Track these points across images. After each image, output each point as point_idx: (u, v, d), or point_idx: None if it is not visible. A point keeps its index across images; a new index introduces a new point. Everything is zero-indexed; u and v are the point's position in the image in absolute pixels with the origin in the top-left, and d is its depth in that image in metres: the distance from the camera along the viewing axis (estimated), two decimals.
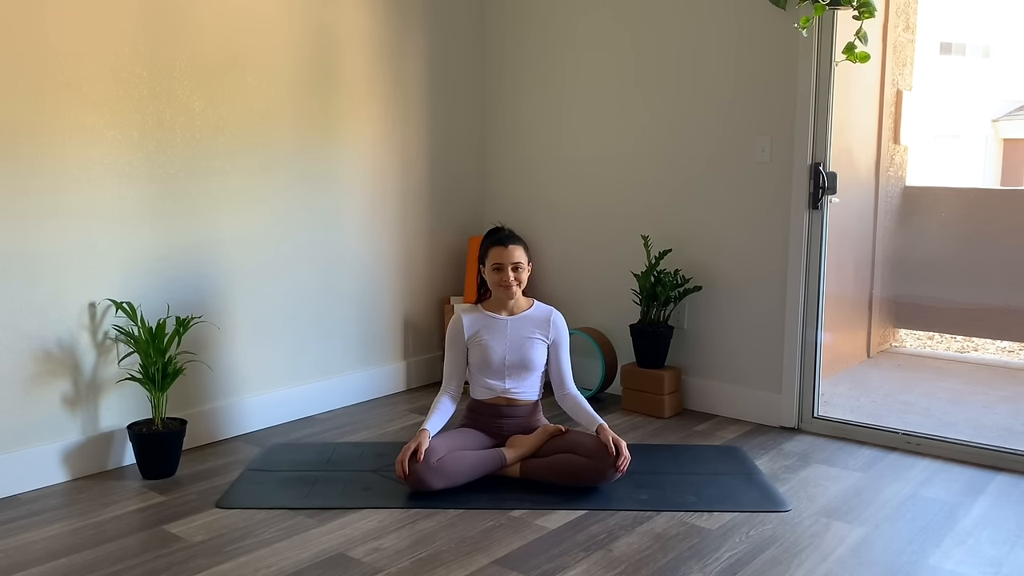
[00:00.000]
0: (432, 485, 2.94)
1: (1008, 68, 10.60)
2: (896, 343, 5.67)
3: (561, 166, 4.41)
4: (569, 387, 3.24)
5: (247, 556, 2.56)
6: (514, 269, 3.12)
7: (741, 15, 3.76)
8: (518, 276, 3.14)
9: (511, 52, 4.53)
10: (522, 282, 3.17)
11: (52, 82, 3.01)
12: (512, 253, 3.13)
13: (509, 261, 3.12)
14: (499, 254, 3.13)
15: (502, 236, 3.17)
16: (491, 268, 3.14)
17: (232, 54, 3.52)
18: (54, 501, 2.98)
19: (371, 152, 4.12)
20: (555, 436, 3.13)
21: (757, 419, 3.88)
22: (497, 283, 3.15)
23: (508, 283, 3.12)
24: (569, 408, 3.23)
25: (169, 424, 3.24)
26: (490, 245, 3.17)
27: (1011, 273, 5.05)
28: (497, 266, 3.12)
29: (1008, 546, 2.67)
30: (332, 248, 4.00)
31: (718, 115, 3.88)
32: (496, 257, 3.13)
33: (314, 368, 3.98)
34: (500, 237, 3.17)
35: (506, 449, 3.09)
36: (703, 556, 2.58)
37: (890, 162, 5.28)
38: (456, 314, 3.26)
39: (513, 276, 3.12)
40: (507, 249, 3.12)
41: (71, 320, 3.14)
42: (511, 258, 3.12)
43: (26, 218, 2.99)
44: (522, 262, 3.15)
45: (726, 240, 3.91)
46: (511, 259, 3.12)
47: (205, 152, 3.46)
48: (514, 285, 3.14)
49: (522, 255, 3.16)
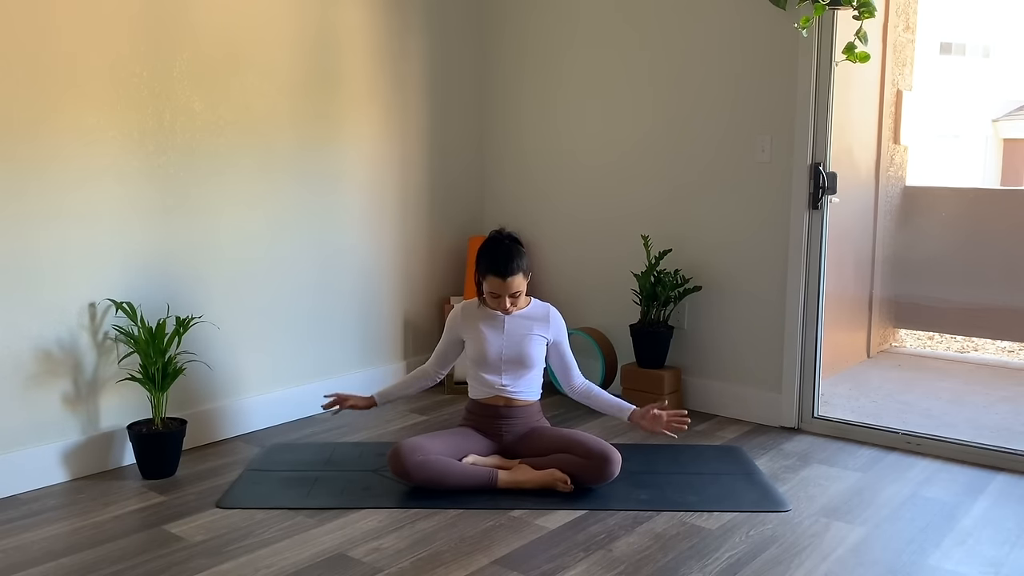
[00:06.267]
0: (412, 477, 2.95)
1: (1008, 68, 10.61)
2: (896, 343, 5.67)
3: (561, 166, 4.41)
4: (577, 379, 3.26)
5: (247, 556, 2.56)
6: (511, 296, 3.09)
7: (741, 15, 3.76)
8: (515, 301, 3.13)
9: (511, 52, 4.53)
10: (519, 305, 3.18)
11: (52, 82, 3.01)
12: (510, 285, 3.05)
13: (507, 292, 3.07)
14: (497, 285, 3.06)
15: (500, 263, 3.04)
16: (488, 294, 3.11)
17: (232, 54, 3.52)
18: (54, 501, 2.98)
19: (371, 152, 4.12)
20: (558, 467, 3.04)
21: (757, 419, 3.88)
22: (494, 307, 3.15)
23: (505, 308, 3.12)
24: (586, 400, 3.24)
25: (169, 424, 3.24)
26: (487, 272, 3.07)
27: (1011, 273, 5.05)
28: (494, 295, 3.10)
29: (1008, 546, 2.67)
30: (332, 248, 3.99)
31: (718, 115, 3.88)
32: (494, 287, 3.07)
33: (314, 368, 3.98)
34: (498, 264, 3.04)
35: (502, 472, 3.03)
36: (703, 556, 2.58)
37: (890, 162, 5.28)
38: (457, 306, 3.29)
39: (510, 302, 3.11)
40: (505, 282, 3.04)
41: (71, 320, 3.14)
42: (509, 289, 3.06)
43: (26, 218, 2.99)
44: (520, 290, 3.09)
45: (726, 240, 3.91)
46: (509, 290, 3.06)
47: (205, 152, 3.46)
48: (512, 309, 3.15)
49: (520, 283, 3.08)
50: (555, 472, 3.01)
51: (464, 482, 2.98)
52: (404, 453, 2.95)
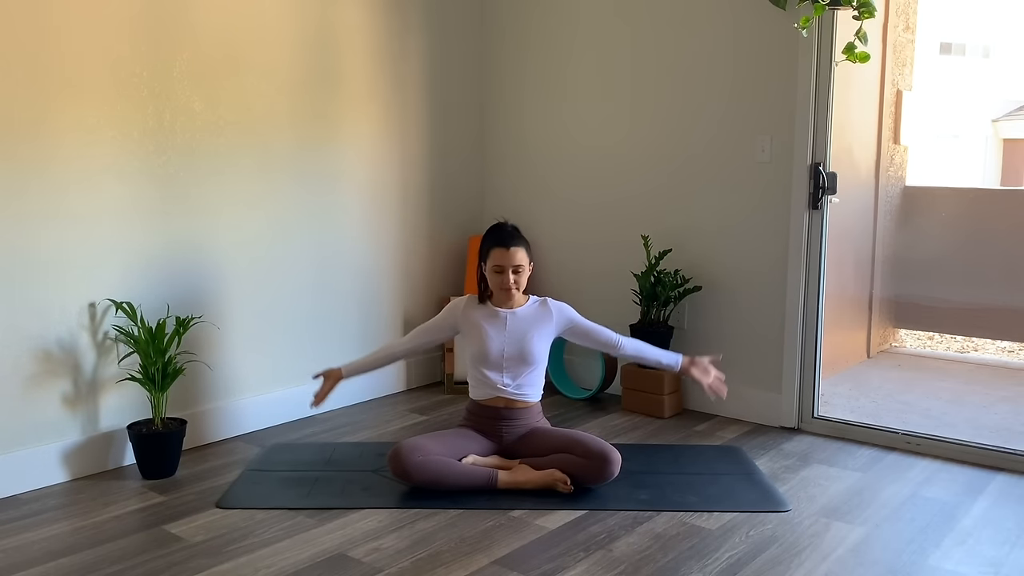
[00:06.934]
0: (412, 477, 2.95)
1: (1008, 68, 10.61)
2: (896, 343, 5.67)
3: (561, 166, 4.41)
4: (617, 341, 3.24)
5: (247, 556, 2.56)
6: (515, 271, 3.13)
7: (741, 15, 3.76)
8: (518, 279, 3.15)
9: (511, 52, 4.53)
10: (521, 285, 3.18)
11: (52, 82, 3.01)
12: (514, 255, 3.12)
13: (510, 264, 3.12)
14: (501, 256, 3.12)
15: (504, 236, 3.14)
16: (492, 269, 3.14)
17: (232, 54, 3.52)
18: (54, 501, 2.98)
19: (371, 152, 4.12)
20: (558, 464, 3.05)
21: (757, 419, 3.88)
22: (498, 285, 3.15)
23: (508, 286, 3.13)
24: (638, 358, 3.27)
25: (169, 424, 3.24)
26: (492, 245, 3.15)
27: (1011, 273, 5.05)
28: (498, 268, 3.13)
29: (1008, 546, 2.67)
30: (332, 247, 4.00)
31: (718, 115, 3.88)
32: (497, 258, 3.13)
33: (314, 368, 3.95)
34: (502, 237, 3.14)
35: (501, 472, 3.03)
36: (703, 556, 2.58)
37: (890, 162, 5.28)
38: (460, 298, 3.30)
39: (513, 279, 3.13)
40: (509, 251, 3.11)
41: (71, 320, 3.14)
42: (512, 260, 3.12)
43: (26, 218, 2.99)
44: (523, 264, 3.15)
45: (726, 240, 3.91)
46: (512, 261, 3.12)
47: (205, 152, 3.46)
48: (513, 288, 3.15)
49: (524, 257, 3.15)
50: (555, 472, 3.01)
51: (464, 482, 2.98)
52: (404, 453, 2.95)
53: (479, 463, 3.07)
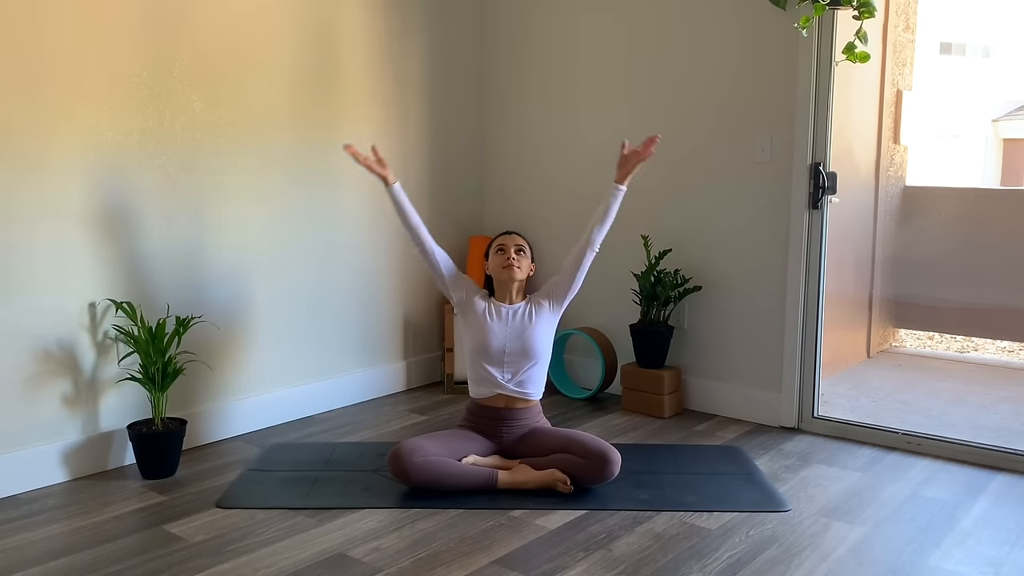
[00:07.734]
0: (412, 478, 2.94)
1: (1008, 68, 10.61)
2: (896, 343, 5.67)
3: (561, 166, 4.41)
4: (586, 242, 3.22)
5: (247, 556, 2.56)
6: (517, 250, 3.23)
7: (741, 15, 3.76)
8: (520, 259, 3.22)
9: (511, 51, 4.53)
10: (523, 267, 3.23)
11: (52, 82, 3.01)
12: (515, 238, 3.29)
13: (512, 243, 3.26)
14: (503, 239, 3.29)
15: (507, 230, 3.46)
16: (495, 251, 3.26)
17: (232, 54, 3.52)
18: (54, 501, 2.98)
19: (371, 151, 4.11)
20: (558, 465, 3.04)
21: (757, 419, 3.88)
22: (500, 265, 3.21)
23: (509, 262, 3.20)
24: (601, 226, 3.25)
25: (169, 424, 3.24)
26: (495, 237, 3.34)
27: (1011, 273, 5.05)
28: (500, 247, 3.25)
29: (1008, 546, 2.67)
30: (332, 247, 4.00)
31: (718, 115, 3.88)
32: (501, 241, 3.28)
33: (314, 368, 3.98)
34: (506, 231, 3.41)
35: (501, 473, 3.03)
36: (703, 556, 2.58)
37: (890, 162, 5.28)
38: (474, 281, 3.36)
39: (515, 257, 3.21)
40: (511, 235, 3.30)
41: (71, 320, 3.14)
42: (514, 241, 3.27)
43: (26, 218, 2.99)
44: (524, 246, 3.28)
45: (726, 240, 3.91)
46: (514, 242, 3.26)
47: (205, 152, 3.46)
48: (515, 266, 3.19)
49: (525, 243, 3.30)
50: (555, 472, 3.01)
51: (464, 482, 2.98)
52: (404, 454, 2.95)
53: (479, 463, 3.07)
